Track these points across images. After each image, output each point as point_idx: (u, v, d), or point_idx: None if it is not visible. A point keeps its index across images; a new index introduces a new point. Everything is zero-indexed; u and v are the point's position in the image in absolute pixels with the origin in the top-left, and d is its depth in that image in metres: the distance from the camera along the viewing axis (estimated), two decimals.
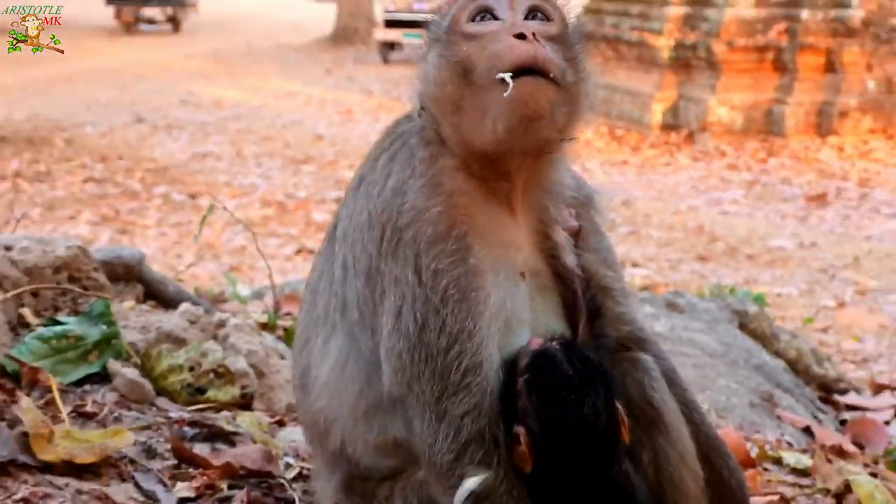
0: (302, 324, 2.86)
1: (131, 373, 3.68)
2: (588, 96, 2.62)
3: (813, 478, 3.78)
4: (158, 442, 3.37)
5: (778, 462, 3.96)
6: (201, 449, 3.39)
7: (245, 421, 3.62)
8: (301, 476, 3.33)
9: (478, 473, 2.42)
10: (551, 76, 2.43)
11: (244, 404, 3.84)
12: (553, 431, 2.43)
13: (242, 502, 3.07)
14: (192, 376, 3.78)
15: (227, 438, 3.49)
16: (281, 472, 3.31)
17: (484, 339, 2.48)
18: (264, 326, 4.64)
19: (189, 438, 3.44)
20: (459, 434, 2.44)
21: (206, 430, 3.50)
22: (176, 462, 3.28)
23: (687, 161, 17.76)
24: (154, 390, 3.72)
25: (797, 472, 3.87)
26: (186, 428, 3.50)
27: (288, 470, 3.35)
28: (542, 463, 2.44)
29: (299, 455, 3.47)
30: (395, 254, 2.52)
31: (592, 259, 2.70)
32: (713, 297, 6.52)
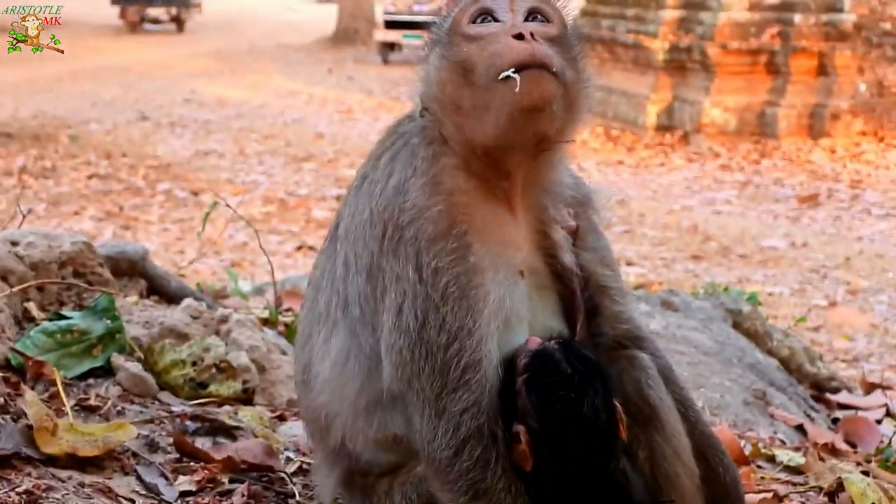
0: (304, 320, 2.87)
1: (134, 367, 3.70)
2: (588, 97, 2.64)
3: (806, 475, 3.79)
4: (161, 436, 3.39)
5: (771, 460, 3.97)
6: (203, 443, 3.41)
7: (246, 415, 3.64)
8: (301, 470, 3.35)
9: (476, 471, 2.45)
10: (553, 71, 2.46)
11: (246, 399, 3.85)
12: (553, 430, 2.45)
13: (243, 496, 3.08)
14: (195, 371, 3.80)
15: (229, 433, 3.52)
16: (282, 467, 3.33)
17: (483, 337, 2.50)
18: (266, 322, 4.64)
19: (191, 432, 3.47)
20: (458, 430, 2.46)
21: (208, 425, 3.52)
22: (178, 456, 3.30)
23: (681, 162, 17.78)
24: (157, 385, 3.74)
25: (790, 470, 3.88)
26: (188, 422, 3.52)
27: (288, 464, 3.37)
28: (542, 461, 2.46)
29: (300, 450, 3.48)
30: (397, 251, 2.54)
31: (590, 258, 2.72)
32: (707, 296, 6.51)
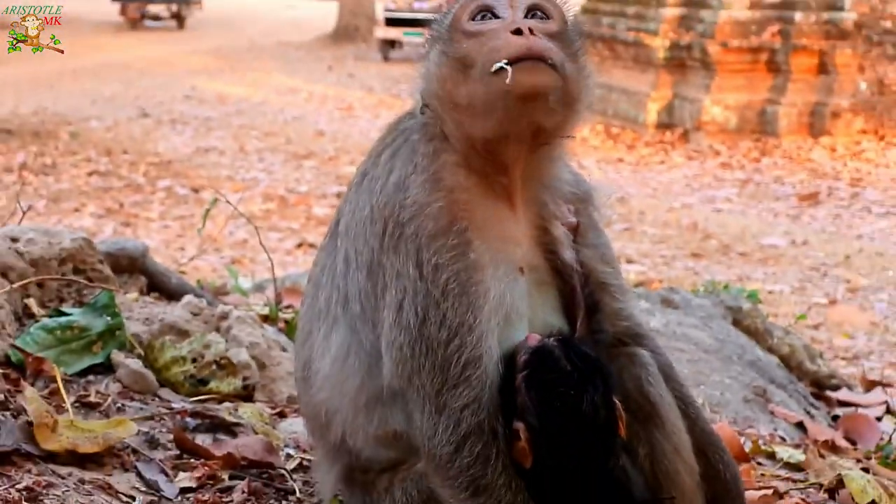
0: (304, 317, 2.87)
1: (134, 364, 3.70)
2: (588, 93, 2.63)
3: (806, 472, 3.78)
4: (161, 432, 3.39)
5: (771, 457, 3.96)
6: (203, 439, 3.41)
7: (246, 412, 3.63)
8: (301, 467, 3.34)
9: (476, 468, 2.45)
10: (550, 62, 2.46)
11: (246, 396, 3.84)
12: (552, 427, 2.45)
13: (243, 492, 3.08)
14: (195, 367, 3.80)
15: (229, 429, 3.51)
16: (282, 463, 3.32)
17: (484, 333, 2.50)
18: (266, 319, 4.63)
19: (191, 429, 3.46)
20: (459, 427, 2.46)
21: (208, 421, 3.52)
22: (178, 452, 3.30)
23: (681, 159, 17.78)
24: (157, 381, 3.74)
25: (790, 467, 3.88)
26: (189, 419, 3.51)
27: (289, 461, 3.37)
28: (542, 458, 2.46)
29: (300, 446, 3.48)
30: (397, 248, 2.54)
31: (590, 255, 2.72)
32: (707, 294, 6.51)
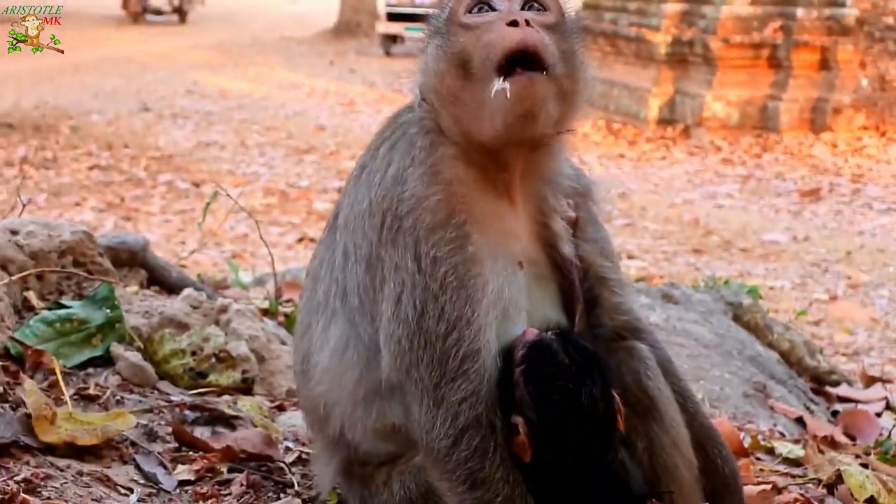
0: (303, 310, 2.88)
1: (134, 356, 3.70)
2: (585, 87, 2.63)
3: (805, 468, 3.79)
4: (160, 425, 3.39)
5: (770, 452, 3.97)
6: (202, 432, 3.41)
7: (246, 405, 3.64)
8: (300, 460, 3.35)
9: (474, 461, 2.45)
10: (544, 68, 2.45)
11: (245, 389, 3.85)
12: (551, 421, 2.45)
13: (242, 485, 3.09)
14: (194, 360, 3.80)
15: (228, 422, 3.52)
16: (280, 456, 3.33)
17: (482, 327, 2.50)
18: (266, 312, 4.64)
19: (190, 422, 3.47)
20: (457, 420, 2.46)
21: (207, 414, 3.52)
22: (177, 445, 3.31)
23: (682, 155, 17.75)
24: (156, 374, 3.74)
25: (789, 462, 3.88)
26: (188, 411, 3.52)
27: (287, 454, 3.37)
28: (540, 452, 2.46)
29: (299, 439, 3.48)
30: (395, 241, 2.54)
31: (590, 249, 2.73)
32: (708, 289, 6.51)
